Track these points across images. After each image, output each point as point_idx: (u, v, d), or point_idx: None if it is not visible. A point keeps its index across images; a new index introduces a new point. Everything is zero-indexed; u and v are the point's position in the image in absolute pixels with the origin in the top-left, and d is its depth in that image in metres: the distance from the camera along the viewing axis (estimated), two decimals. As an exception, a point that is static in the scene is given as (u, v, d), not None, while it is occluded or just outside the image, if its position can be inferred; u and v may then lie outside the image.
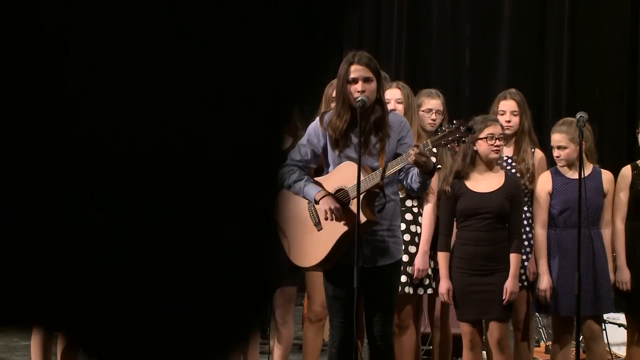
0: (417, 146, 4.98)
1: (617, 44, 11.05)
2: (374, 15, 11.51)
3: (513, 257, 5.95)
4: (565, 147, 6.16)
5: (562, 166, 6.20)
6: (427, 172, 5.04)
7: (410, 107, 6.20)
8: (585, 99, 10.85)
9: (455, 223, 6.08)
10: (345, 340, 5.29)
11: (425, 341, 6.88)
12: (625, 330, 7.61)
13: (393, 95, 6.18)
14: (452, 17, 11.34)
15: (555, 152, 6.21)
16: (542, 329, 8.14)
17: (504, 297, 5.93)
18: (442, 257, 6.04)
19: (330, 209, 5.11)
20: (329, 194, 5.18)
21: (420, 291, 6.21)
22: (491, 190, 5.99)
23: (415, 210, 6.17)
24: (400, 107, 6.13)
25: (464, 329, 6.06)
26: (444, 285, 6.01)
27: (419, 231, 6.16)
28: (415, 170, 5.10)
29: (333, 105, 6.15)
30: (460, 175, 6.05)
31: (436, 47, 11.36)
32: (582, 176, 5.99)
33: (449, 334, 6.62)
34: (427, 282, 6.21)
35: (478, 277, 5.95)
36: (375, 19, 11.51)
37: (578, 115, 5.99)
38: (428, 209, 6.17)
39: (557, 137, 6.17)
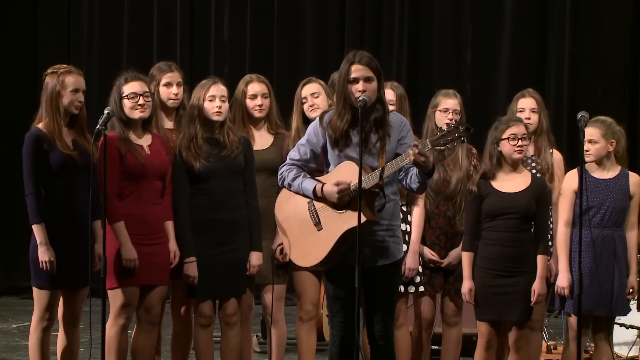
0: (416, 146, 4.98)
1: (618, 44, 11.04)
2: (375, 14, 11.49)
3: (540, 259, 5.95)
4: (596, 142, 6.08)
5: (590, 161, 6.12)
6: (426, 172, 5.04)
7: (402, 109, 6.22)
8: (586, 98, 10.84)
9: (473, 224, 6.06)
10: (346, 340, 5.29)
11: (435, 342, 6.87)
12: (627, 330, 7.63)
13: (386, 96, 6.17)
14: (453, 17, 11.33)
15: (586, 146, 6.10)
16: (544, 329, 8.12)
17: (532, 299, 5.91)
18: (466, 257, 6.03)
19: (338, 193, 5.11)
20: (323, 183, 5.18)
21: (411, 289, 6.25)
22: (518, 191, 5.97)
23: (404, 209, 6.21)
24: (392, 109, 6.12)
25: (482, 329, 6.05)
26: (467, 285, 6.01)
27: (408, 229, 6.20)
28: (414, 170, 5.10)
29: (306, 108, 6.24)
30: (487, 176, 6.04)
31: (437, 46, 11.35)
32: (584, 176, 5.96)
33: (459, 332, 6.58)
34: (418, 279, 6.25)
35: (501, 279, 5.94)
36: (377, 18, 11.50)
37: (579, 115, 5.96)
38: (417, 209, 6.25)
39: (590, 131, 6.06)
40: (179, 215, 6.00)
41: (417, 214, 6.25)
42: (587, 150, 6.10)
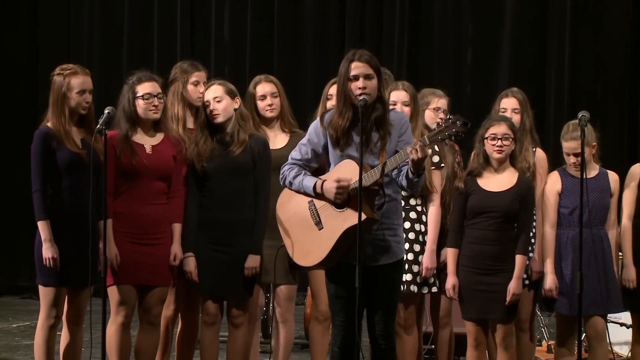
0: (420, 142, 4.97)
1: (619, 44, 11.04)
2: (376, 14, 11.49)
3: (518, 259, 5.94)
4: (580, 153, 6.09)
5: (577, 171, 6.12)
6: (418, 171, 5.01)
7: (415, 109, 6.20)
8: (586, 98, 10.84)
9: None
10: (348, 340, 5.29)
11: (427, 340, 6.87)
12: (627, 330, 7.62)
13: (399, 97, 6.17)
14: (453, 16, 11.33)
15: (572, 159, 6.10)
16: (544, 328, 8.12)
17: (507, 298, 5.91)
18: (451, 254, 6.03)
19: (336, 187, 5.10)
20: (324, 180, 5.18)
21: (425, 290, 6.21)
22: (501, 190, 5.97)
23: (419, 209, 6.17)
24: (407, 110, 6.12)
25: (469, 328, 6.05)
26: (451, 281, 6.01)
27: (423, 229, 6.16)
28: (406, 169, 5.08)
29: (329, 104, 6.19)
30: (474, 173, 6.04)
31: (438, 45, 11.35)
32: (585, 177, 5.97)
33: (451, 333, 6.60)
34: (431, 280, 6.21)
35: (483, 277, 5.94)
36: (377, 17, 11.50)
37: (580, 115, 5.97)
38: (433, 208, 6.18)
39: (573, 145, 6.08)
40: (185, 213, 6.02)
41: (432, 213, 6.17)
42: (574, 163, 6.12)
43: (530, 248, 6.27)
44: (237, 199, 6.03)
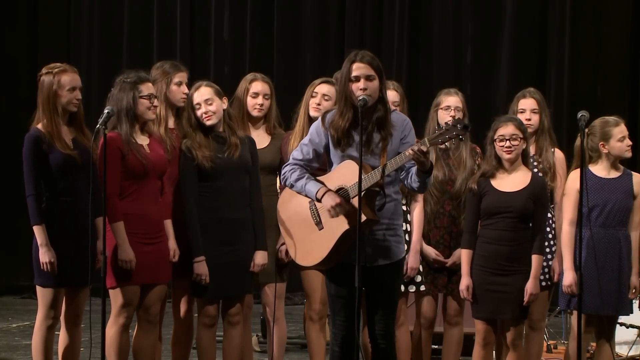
0: (418, 142, 5.00)
1: (619, 44, 11.04)
2: (376, 14, 11.50)
3: (535, 258, 5.94)
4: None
5: (629, 157, 6.18)
6: (424, 170, 5.04)
7: (403, 109, 6.25)
8: (586, 98, 10.84)
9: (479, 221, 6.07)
10: (347, 339, 5.29)
11: (438, 341, 6.86)
12: (627, 330, 7.64)
13: (389, 97, 6.18)
14: (453, 16, 11.33)
15: (629, 141, 6.15)
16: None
17: (524, 298, 5.91)
18: (465, 255, 6.04)
19: (333, 206, 5.11)
20: (329, 190, 5.18)
21: (412, 289, 6.27)
22: (515, 190, 5.97)
23: (405, 208, 6.22)
24: (397, 110, 6.15)
25: (478, 327, 6.06)
26: (465, 282, 6.02)
27: (408, 229, 6.22)
28: (414, 169, 5.11)
29: (312, 101, 6.21)
30: (487, 175, 6.05)
31: (437, 45, 11.35)
32: (585, 174, 5.95)
33: (461, 332, 6.59)
34: (419, 279, 6.26)
35: (497, 277, 5.95)
36: (377, 17, 11.50)
37: (579, 115, 5.96)
38: (417, 209, 6.25)
39: (624, 128, 6.18)
40: (190, 214, 5.98)
41: (417, 214, 6.27)
42: (630, 146, 6.15)
43: (551, 249, 6.28)
44: (241, 198, 6.05)
